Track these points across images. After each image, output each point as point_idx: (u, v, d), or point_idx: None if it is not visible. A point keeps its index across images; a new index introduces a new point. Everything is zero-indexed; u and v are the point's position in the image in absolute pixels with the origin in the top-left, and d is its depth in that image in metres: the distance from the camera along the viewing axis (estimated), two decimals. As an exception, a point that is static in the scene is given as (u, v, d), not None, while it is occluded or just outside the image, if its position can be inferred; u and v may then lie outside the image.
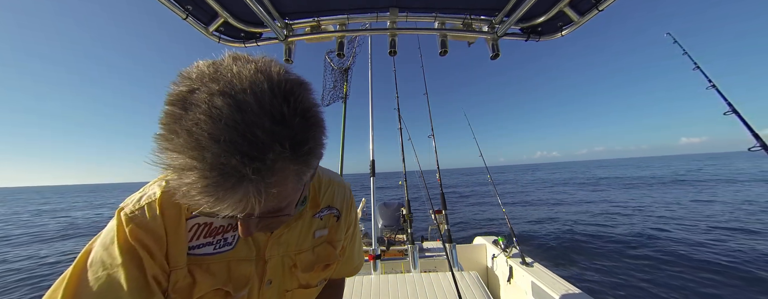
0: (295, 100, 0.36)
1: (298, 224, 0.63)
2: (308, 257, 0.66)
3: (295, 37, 1.50)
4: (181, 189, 0.34)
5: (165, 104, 0.35)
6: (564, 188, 19.21)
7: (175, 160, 0.33)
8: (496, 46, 1.48)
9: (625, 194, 14.59)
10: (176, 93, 0.35)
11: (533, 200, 13.56)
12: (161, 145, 0.34)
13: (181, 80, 0.36)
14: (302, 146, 0.36)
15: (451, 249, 2.29)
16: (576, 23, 1.31)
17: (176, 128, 0.33)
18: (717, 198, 11.44)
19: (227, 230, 0.52)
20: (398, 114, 3.18)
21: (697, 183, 17.53)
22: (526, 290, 2.22)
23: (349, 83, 3.35)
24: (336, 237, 0.72)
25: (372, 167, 2.63)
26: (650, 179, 23.09)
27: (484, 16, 1.48)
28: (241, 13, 1.37)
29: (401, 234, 3.06)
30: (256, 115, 0.33)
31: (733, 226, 7.02)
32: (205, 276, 0.48)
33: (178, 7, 1.18)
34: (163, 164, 0.34)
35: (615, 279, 4.53)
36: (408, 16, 1.42)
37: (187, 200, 0.34)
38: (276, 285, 0.62)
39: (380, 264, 2.21)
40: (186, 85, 0.35)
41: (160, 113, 0.35)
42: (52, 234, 11.39)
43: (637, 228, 7.23)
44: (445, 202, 2.78)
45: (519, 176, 25.24)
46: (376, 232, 2.81)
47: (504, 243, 2.73)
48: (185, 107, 0.33)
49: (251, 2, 1.12)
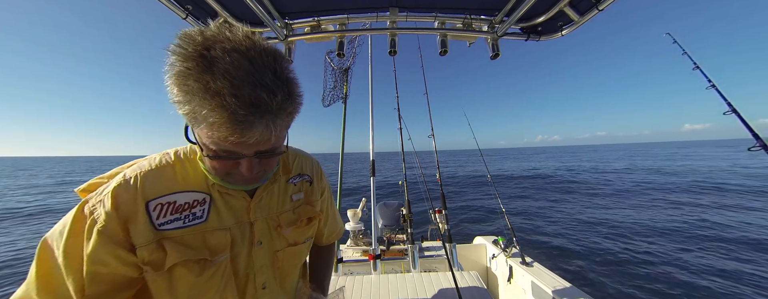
0: (281, 60, 0.48)
1: (275, 188, 0.71)
2: (290, 216, 0.74)
3: (295, 37, 1.50)
4: (214, 126, 0.43)
5: (180, 62, 0.42)
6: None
7: (209, 102, 0.41)
8: (496, 46, 1.48)
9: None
10: (191, 52, 0.42)
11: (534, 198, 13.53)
12: (189, 93, 0.42)
13: (186, 44, 0.42)
14: (294, 93, 0.49)
15: (451, 249, 2.29)
16: (576, 23, 1.31)
17: (207, 77, 0.41)
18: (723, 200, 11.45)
19: (193, 206, 0.58)
20: (398, 114, 3.19)
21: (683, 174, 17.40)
22: (526, 290, 2.22)
23: (350, 83, 3.35)
24: (312, 198, 0.82)
25: (372, 167, 2.63)
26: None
27: (484, 15, 1.48)
28: (241, 12, 1.37)
29: (401, 234, 3.06)
30: (264, 67, 0.44)
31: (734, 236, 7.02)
32: (177, 247, 0.55)
33: (177, 6, 1.18)
34: (191, 112, 0.43)
35: (615, 279, 4.53)
36: (408, 15, 1.42)
37: (218, 136, 0.45)
38: (266, 246, 0.68)
39: (380, 264, 2.21)
40: (195, 46, 0.42)
41: (172, 72, 0.42)
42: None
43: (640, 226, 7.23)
44: (445, 202, 2.78)
45: (520, 163, 24.89)
46: (376, 232, 2.81)
47: (504, 242, 2.73)
48: (210, 61, 0.41)
49: (251, 2, 1.12)
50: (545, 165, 26.82)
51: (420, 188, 2.59)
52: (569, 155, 54.91)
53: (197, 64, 0.41)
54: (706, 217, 7.94)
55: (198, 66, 0.41)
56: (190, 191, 0.58)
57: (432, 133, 3.12)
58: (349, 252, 2.89)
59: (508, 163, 31.50)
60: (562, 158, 41.34)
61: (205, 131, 0.46)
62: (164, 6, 1.13)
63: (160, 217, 0.54)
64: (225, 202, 0.62)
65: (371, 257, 2.21)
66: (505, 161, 34.18)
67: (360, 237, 3.13)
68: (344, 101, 3.24)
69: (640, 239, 6.45)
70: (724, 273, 4.55)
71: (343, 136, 3.15)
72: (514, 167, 23.01)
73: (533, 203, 10.77)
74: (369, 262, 2.24)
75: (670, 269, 4.80)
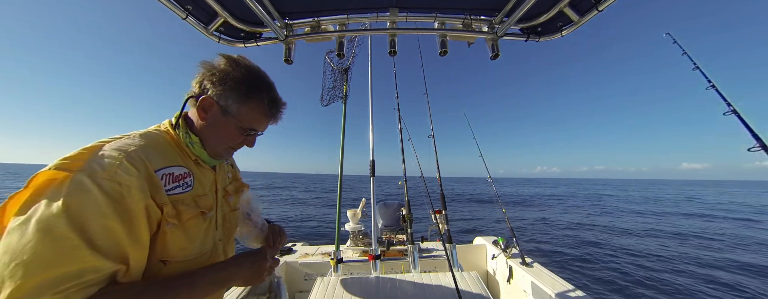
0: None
1: (223, 165, 0.93)
2: (231, 187, 0.96)
3: (294, 37, 1.50)
4: (260, 113, 0.78)
5: (233, 81, 0.73)
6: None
7: (256, 101, 0.76)
8: (495, 47, 1.48)
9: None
10: (226, 71, 0.73)
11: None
12: (244, 96, 0.74)
13: (221, 64, 0.74)
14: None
15: (451, 249, 2.28)
16: (576, 23, 1.31)
17: (242, 89, 0.74)
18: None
19: (185, 177, 0.73)
20: (398, 114, 3.18)
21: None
22: (526, 290, 2.22)
23: (349, 83, 3.35)
24: (238, 175, 1.07)
25: (372, 167, 2.62)
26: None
27: (484, 16, 1.48)
28: (241, 12, 1.37)
29: (401, 234, 3.06)
30: (273, 84, 0.81)
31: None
32: (184, 206, 0.70)
33: (178, 6, 1.18)
34: (245, 105, 0.75)
35: (614, 279, 4.52)
36: (408, 16, 1.42)
37: (258, 119, 0.79)
38: (219, 211, 0.86)
39: (380, 264, 2.21)
40: (238, 68, 0.74)
41: (225, 87, 0.73)
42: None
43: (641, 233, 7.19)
44: (445, 202, 2.78)
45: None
46: (376, 232, 2.80)
47: (504, 243, 2.73)
48: (239, 78, 0.74)
49: (251, 2, 1.12)
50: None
51: (420, 188, 2.59)
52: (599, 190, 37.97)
53: (244, 79, 0.74)
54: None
55: (246, 80, 0.74)
56: (179, 166, 0.72)
57: (432, 133, 3.12)
58: (349, 253, 2.89)
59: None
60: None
61: (252, 115, 0.77)
62: (164, 6, 1.13)
63: (167, 184, 0.67)
64: (201, 174, 0.79)
65: (371, 257, 2.20)
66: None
67: (360, 238, 3.12)
68: (344, 101, 3.23)
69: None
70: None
71: (343, 136, 3.14)
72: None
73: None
74: (369, 262, 2.24)
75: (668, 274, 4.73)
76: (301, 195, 24.18)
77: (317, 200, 20.10)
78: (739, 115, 2.02)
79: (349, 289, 1.75)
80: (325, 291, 1.73)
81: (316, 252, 2.94)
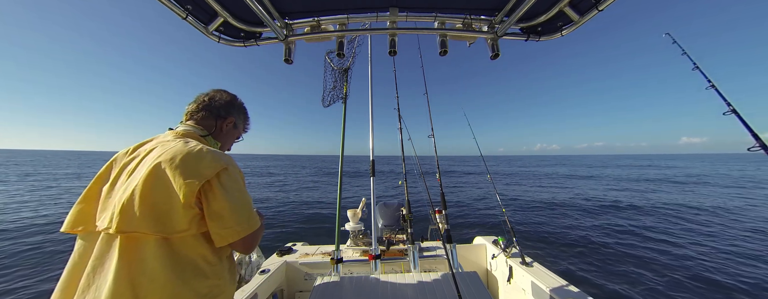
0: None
1: None
2: None
3: (294, 36, 1.50)
4: (244, 126, 1.23)
5: (235, 107, 1.14)
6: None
7: (246, 120, 1.23)
8: (496, 46, 1.48)
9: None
10: (233, 101, 1.13)
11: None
12: (244, 119, 1.21)
13: (226, 97, 1.11)
14: None
15: (451, 249, 2.28)
16: (576, 23, 1.31)
17: (243, 111, 1.19)
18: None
19: None
20: (398, 114, 3.18)
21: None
22: (526, 290, 2.22)
23: (349, 83, 3.35)
24: None
25: (372, 167, 2.62)
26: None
27: (484, 16, 1.48)
28: (241, 12, 1.37)
29: (401, 234, 3.05)
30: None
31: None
32: None
33: (177, 6, 1.18)
34: (244, 120, 1.22)
35: (614, 280, 4.52)
36: (408, 16, 1.42)
37: (245, 128, 1.24)
38: None
39: (380, 264, 2.21)
40: (230, 97, 1.12)
41: (241, 108, 1.17)
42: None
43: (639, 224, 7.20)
44: (445, 202, 2.78)
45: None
46: (376, 232, 2.80)
47: (504, 242, 2.72)
48: (240, 104, 1.17)
49: (251, 2, 1.12)
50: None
51: (420, 188, 2.59)
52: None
53: (239, 105, 1.15)
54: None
55: (241, 107, 1.17)
56: None
57: (432, 133, 3.12)
58: (349, 252, 2.89)
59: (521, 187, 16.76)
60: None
61: (245, 127, 1.22)
62: (164, 6, 1.13)
63: None
64: None
65: (371, 257, 2.20)
66: (516, 182, 19.73)
67: (360, 237, 3.12)
68: (344, 101, 3.23)
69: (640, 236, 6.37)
70: None
71: (343, 136, 3.14)
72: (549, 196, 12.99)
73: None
74: (369, 262, 2.24)
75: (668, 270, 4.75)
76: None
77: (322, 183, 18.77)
78: (739, 115, 2.02)
79: (349, 289, 1.75)
80: (325, 291, 1.73)
81: (316, 251, 2.94)
